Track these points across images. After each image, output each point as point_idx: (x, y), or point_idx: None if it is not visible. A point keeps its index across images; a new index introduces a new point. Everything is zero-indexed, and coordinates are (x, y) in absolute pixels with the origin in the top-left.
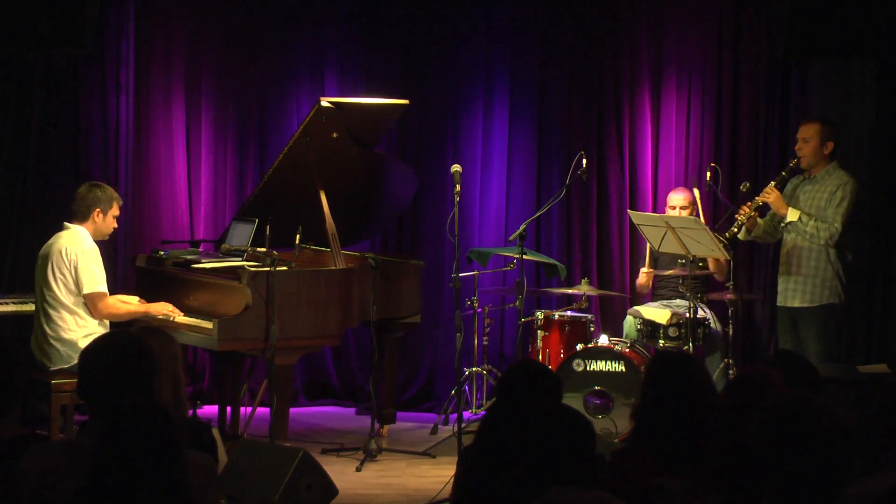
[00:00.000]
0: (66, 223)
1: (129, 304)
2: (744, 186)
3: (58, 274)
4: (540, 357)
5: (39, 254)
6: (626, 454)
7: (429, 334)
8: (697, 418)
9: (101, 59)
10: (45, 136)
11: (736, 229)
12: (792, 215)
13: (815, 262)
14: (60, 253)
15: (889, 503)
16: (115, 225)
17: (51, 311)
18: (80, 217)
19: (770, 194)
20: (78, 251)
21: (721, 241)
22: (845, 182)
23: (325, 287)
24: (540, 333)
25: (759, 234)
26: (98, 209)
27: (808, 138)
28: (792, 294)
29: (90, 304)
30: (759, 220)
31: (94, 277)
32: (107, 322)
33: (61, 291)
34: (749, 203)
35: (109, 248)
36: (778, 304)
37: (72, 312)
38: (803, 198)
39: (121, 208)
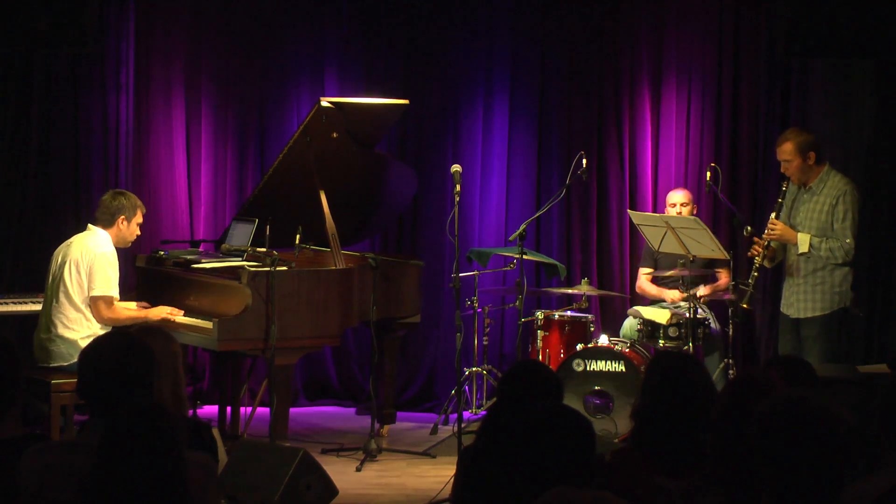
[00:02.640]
0: (89, 225)
1: (129, 309)
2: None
3: (73, 272)
4: (540, 357)
5: (56, 251)
6: (626, 454)
7: (429, 334)
8: (697, 418)
9: (101, 58)
10: (45, 136)
11: (756, 272)
12: (803, 245)
13: (822, 270)
14: (81, 253)
15: (889, 503)
16: (139, 232)
17: (59, 308)
18: (104, 223)
19: (775, 229)
20: (96, 252)
21: (749, 290)
22: (844, 192)
23: (325, 287)
24: (540, 333)
25: (782, 257)
26: (122, 216)
27: (788, 158)
28: (804, 305)
29: (95, 306)
30: (772, 244)
31: (108, 281)
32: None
33: (73, 289)
34: (759, 242)
35: None
36: (783, 311)
37: (79, 311)
38: (803, 209)
39: (144, 216)
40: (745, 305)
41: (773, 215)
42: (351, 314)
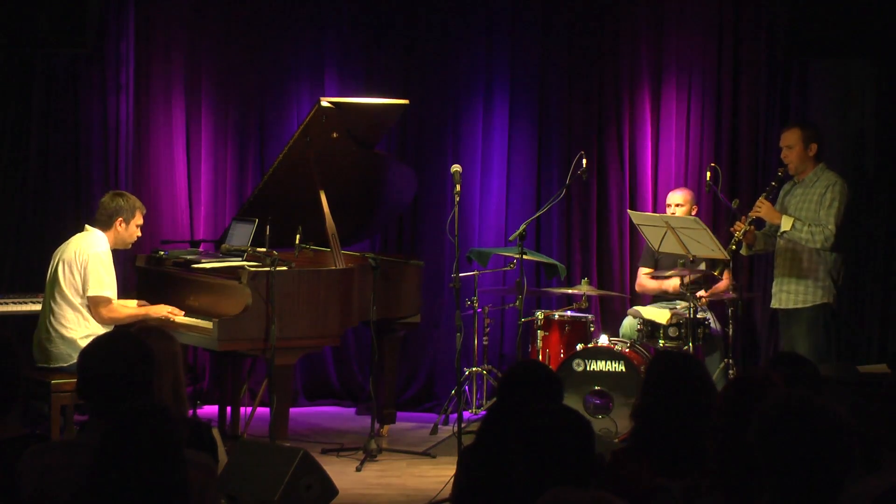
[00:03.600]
0: (86, 225)
1: (129, 307)
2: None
3: (68, 273)
4: (540, 357)
5: (54, 252)
6: (626, 454)
7: (429, 334)
8: (697, 418)
9: (101, 59)
10: (45, 136)
11: (734, 246)
12: (786, 224)
13: (808, 262)
14: (75, 253)
15: (889, 503)
16: (139, 233)
17: (56, 308)
18: (103, 225)
19: (761, 207)
20: (90, 253)
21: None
22: (834, 183)
23: (325, 287)
24: (540, 333)
25: (761, 247)
26: (120, 218)
27: (791, 145)
28: (786, 296)
29: (93, 307)
30: (756, 232)
31: (102, 281)
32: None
33: (70, 290)
34: (742, 218)
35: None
36: (772, 306)
37: (76, 311)
38: (794, 202)
39: (144, 217)
40: (716, 273)
41: (762, 195)
42: (351, 314)
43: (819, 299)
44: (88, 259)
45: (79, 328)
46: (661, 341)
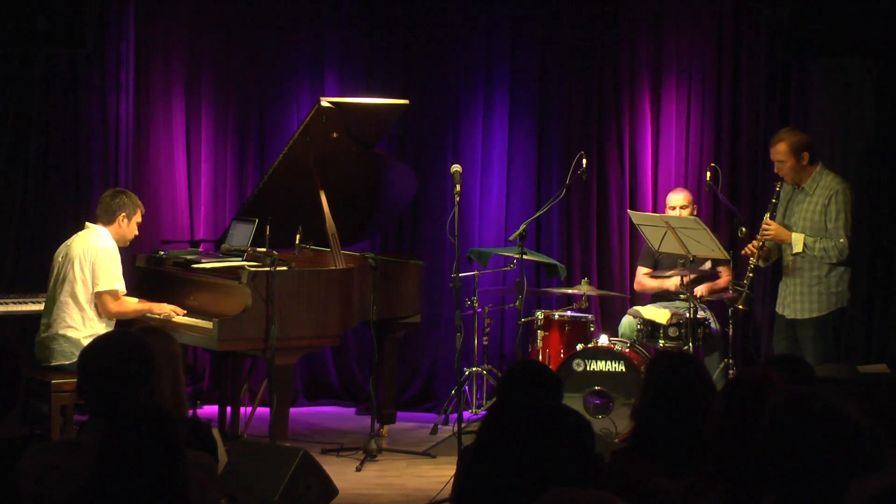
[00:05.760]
0: (87, 223)
1: (134, 303)
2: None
3: (77, 270)
4: (540, 357)
5: (58, 251)
6: (626, 454)
7: (429, 334)
8: (697, 418)
9: (101, 59)
10: (45, 136)
11: (752, 273)
12: (797, 245)
13: (818, 270)
14: (83, 251)
15: (888, 502)
16: (137, 232)
17: (62, 307)
18: (105, 220)
19: (769, 229)
20: (98, 248)
21: (744, 290)
22: (836, 192)
23: (325, 287)
24: (540, 333)
25: (776, 256)
26: (123, 214)
27: (782, 159)
28: (800, 306)
29: (101, 301)
30: (768, 245)
31: (112, 275)
32: (112, 323)
33: (78, 287)
34: (754, 243)
35: None
36: (778, 311)
37: (81, 309)
38: (797, 210)
39: (143, 216)
40: (741, 307)
41: (766, 216)
42: (351, 314)
43: (833, 306)
44: (97, 255)
45: (82, 328)
46: (660, 341)
